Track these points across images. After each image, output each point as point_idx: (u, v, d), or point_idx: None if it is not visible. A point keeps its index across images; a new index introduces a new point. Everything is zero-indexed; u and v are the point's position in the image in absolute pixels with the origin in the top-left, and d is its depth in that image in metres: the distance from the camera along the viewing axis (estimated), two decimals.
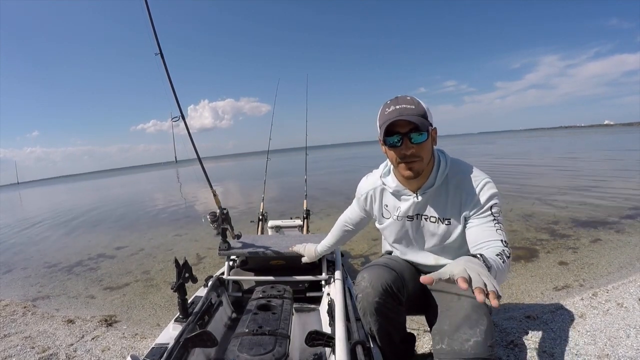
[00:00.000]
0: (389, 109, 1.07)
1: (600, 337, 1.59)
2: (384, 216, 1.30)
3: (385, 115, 1.06)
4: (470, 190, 1.11)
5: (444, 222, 1.17)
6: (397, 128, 1.05)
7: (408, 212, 1.21)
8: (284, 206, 6.60)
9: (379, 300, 1.12)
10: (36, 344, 2.11)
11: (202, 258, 3.86)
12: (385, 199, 1.28)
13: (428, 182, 1.15)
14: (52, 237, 6.46)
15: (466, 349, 1.00)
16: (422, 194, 1.16)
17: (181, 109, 1.78)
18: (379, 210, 1.31)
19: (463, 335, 1.03)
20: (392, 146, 1.08)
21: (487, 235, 1.04)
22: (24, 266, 4.43)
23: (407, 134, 1.04)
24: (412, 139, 1.05)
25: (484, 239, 1.03)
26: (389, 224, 1.28)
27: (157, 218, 7.31)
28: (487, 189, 1.09)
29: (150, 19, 1.68)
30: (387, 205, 1.28)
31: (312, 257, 1.63)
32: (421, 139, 1.05)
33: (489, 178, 1.12)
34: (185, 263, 1.29)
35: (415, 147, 1.05)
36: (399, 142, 1.06)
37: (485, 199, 1.08)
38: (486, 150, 21.10)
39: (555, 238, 3.45)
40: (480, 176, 1.12)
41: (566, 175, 7.78)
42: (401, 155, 1.07)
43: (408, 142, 1.05)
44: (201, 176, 1.91)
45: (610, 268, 2.59)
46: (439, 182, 1.13)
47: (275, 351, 1.02)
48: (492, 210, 1.08)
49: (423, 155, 1.07)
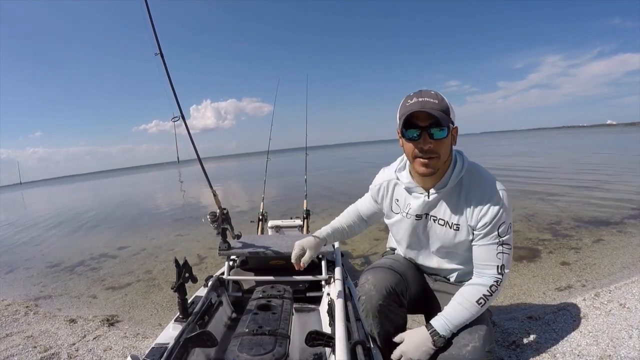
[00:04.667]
0: (410, 101, 1.03)
1: (603, 337, 1.58)
2: (393, 211, 1.26)
3: (407, 106, 1.02)
4: (481, 200, 1.07)
5: (452, 227, 1.12)
6: (417, 121, 1.01)
7: (417, 210, 1.16)
8: (284, 206, 6.60)
9: (383, 303, 1.12)
10: (38, 344, 2.12)
11: (203, 258, 3.86)
12: (397, 193, 1.23)
13: (442, 181, 1.11)
14: (54, 237, 6.49)
15: (464, 354, 1.01)
16: (434, 194, 1.12)
17: (181, 109, 1.79)
18: (389, 205, 1.26)
19: (462, 340, 1.03)
20: (411, 140, 1.04)
21: (486, 259, 1.08)
22: (27, 266, 4.45)
23: (427, 128, 1.01)
24: (432, 134, 1.01)
25: (482, 262, 1.09)
26: (398, 220, 1.24)
27: (159, 218, 7.32)
28: (498, 203, 1.05)
29: (150, 19, 1.68)
30: (397, 200, 1.23)
31: (314, 245, 1.27)
32: (441, 134, 1.02)
33: (504, 190, 1.07)
34: (185, 263, 1.29)
35: (433, 142, 1.01)
36: (418, 136, 1.02)
37: (493, 215, 1.04)
38: (487, 150, 21.03)
39: (558, 238, 3.43)
40: (493, 188, 1.07)
41: (568, 175, 7.74)
42: (419, 150, 1.03)
43: (427, 137, 1.01)
44: (202, 176, 1.92)
45: (613, 268, 2.57)
46: (452, 183, 1.09)
47: (275, 351, 1.02)
48: (500, 230, 1.05)
49: (441, 152, 1.04)
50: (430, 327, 1.07)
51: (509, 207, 1.06)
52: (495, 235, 1.06)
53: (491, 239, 1.07)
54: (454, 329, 1.05)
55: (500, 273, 1.07)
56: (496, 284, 1.06)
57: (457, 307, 1.06)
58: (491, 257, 1.07)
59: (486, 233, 1.07)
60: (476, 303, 1.05)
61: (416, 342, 1.08)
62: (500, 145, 26.68)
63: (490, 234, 1.06)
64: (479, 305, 1.05)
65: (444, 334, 1.05)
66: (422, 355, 1.06)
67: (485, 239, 1.08)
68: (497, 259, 1.06)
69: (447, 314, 1.07)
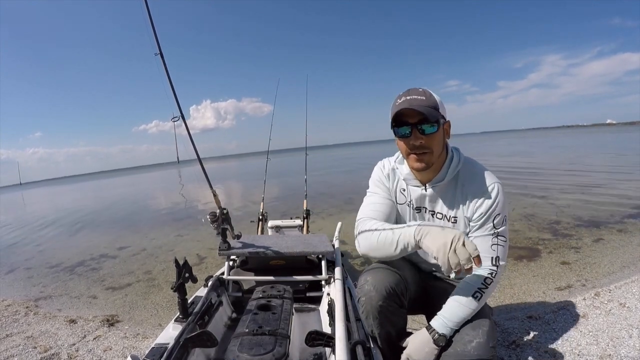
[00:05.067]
0: (399, 100, 1.07)
1: (603, 337, 1.58)
2: (398, 201, 1.26)
3: (396, 106, 1.07)
4: (477, 193, 1.10)
5: (450, 219, 1.16)
6: (407, 118, 1.05)
7: (417, 202, 1.21)
8: (284, 206, 6.60)
9: (383, 304, 1.12)
10: (38, 344, 2.12)
11: (203, 258, 3.86)
12: (401, 183, 1.25)
13: (439, 176, 1.14)
14: (54, 238, 6.49)
15: (469, 350, 1.01)
16: (431, 187, 1.15)
17: (181, 109, 1.78)
18: (395, 192, 1.26)
19: (465, 336, 1.03)
20: (402, 137, 1.09)
21: (481, 250, 1.04)
22: (27, 266, 4.44)
23: (417, 125, 1.04)
24: (423, 130, 1.04)
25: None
26: (403, 209, 1.26)
27: (159, 218, 7.32)
28: (493, 195, 1.08)
29: (150, 19, 1.68)
30: (403, 190, 1.25)
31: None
32: (432, 130, 1.05)
33: (498, 183, 1.11)
34: (185, 263, 1.29)
35: (424, 138, 1.05)
36: (409, 132, 1.06)
37: (489, 206, 1.08)
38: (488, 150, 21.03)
39: (558, 237, 3.43)
40: (488, 181, 1.10)
41: (568, 175, 7.75)
42: (411, 146, 1.07)
43: (417, 133, 1.05)
44: (202, 176, 1.92)
45: (613, 268, 2.57)
46: (449, 177, 1.13)
47: (275, 351, 1.02)
48: (495, 222, 1.08)
49: (433, 147, 1.07)
50: (430, 327, 1.09)
51: (504, 199, 1.09)
52: (491, 226, 1.09)
53: (486, 230, 1.09)
54: (454, 326, 1.05)
55: (494, 265, 1.07)
56: (491, 276, 1.07)
57: (454, 304, 1.08)
58: (485, 249, 1.07)
59: (481, 224, 1.10)
60: (472, 298, 1.06)
61: (418, 344, 1.09)
62: (500, 145, 26.69)
63: (486, 225, 1.09)
64: (476, 299, 1.05)
65: (443, 332, 1.05)
66: (426, 356, 1.07)
67: (480, 230, 1.10)
68: (492, 250, 1.08)
69: (444, 312, 1.08)
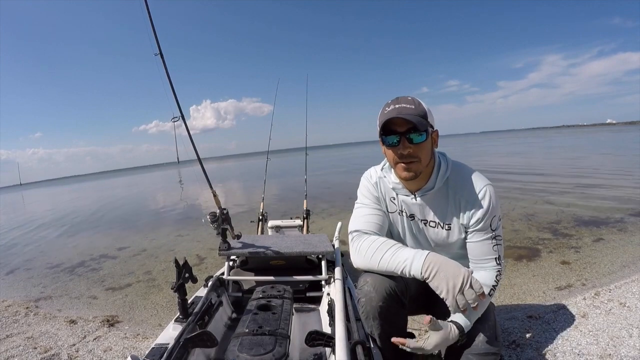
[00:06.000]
0: (388, 108, 1.06)
1: (603, 336, 1.58)
2: (389, 209, 1.25)
3: (385, 114, 1.06)
4: (470, 198, 1.11)
5: (444, 227, 1.16)
6: (395, 127, 1.05)
7: (408, 210, 1.20)
8: (284, 206, 6.60)
9: (383, 305, 1.11)
10: (38, 345, 2.12)
11: (203, 258, 3.86)
12: (390, 192, 1.24)
13: (428, 184, 1.14)
14: (54, 238, 6.49)
15: (477, 343, 1.03)
16: (421, 196, 1.15)
17: (181, 110, 1.79)
18: (385, 202, 1.25)
19: (473, 331, 1.04)
20: (391, 146, 1.08)
21: (484, 253, 1.12)
22: (27, 267, 4.45)
23: (405, 134, 1.04)
24: (411, 139, 1.04)
25: (481, 257, 1.13)
26: (395, 217, 1.25)
27: (159, 219, 7.33)
28: (487, 199, 1.09)
29: (150, 19, 1.68)
30: (393, 198, 1.23)
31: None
32: (420, 139, 1.04)
33: (489, 184, 1.11)
34: (185, 263, 1.29)
35: (413, 147, 1.04)
36: (397, 141, 1.05)
37: (484, 211, 1.09)
38: (488, 150, 21.03)
39: (558, 237, 3.43)
40: (480, 183, 1.11)
41: (568, 174, 7.75)
42: (399, 155, 1.06)
43: (406, 142, 1.04)
44: (202, 177, 1.92)
45: (613, 267, 2.57)
46: (439, 184, 1.13)
47: (275, 351, 1.02)
48: (492, 224, 1.10)
49: (421, 156, 1.06)
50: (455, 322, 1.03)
51: (496, 200, 1.11)
52: (489, 229, 1.11)
53: (485, 234, 1.12)
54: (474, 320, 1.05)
55: (499, 264, 1.13)
56: (499, 273, 1.12)
57: None
58: (489, 251, 1.12)
59: (480, 229, 1.11)
60: (488, 295, 1.08)
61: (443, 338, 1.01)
62: (500, 145, 26.69)
63: (484, 229, 1.11)
64: (490, 295, 1.10)
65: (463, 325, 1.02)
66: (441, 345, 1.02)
67: (479, 234, 1.12)
68: (494, 251, 1.12)
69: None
